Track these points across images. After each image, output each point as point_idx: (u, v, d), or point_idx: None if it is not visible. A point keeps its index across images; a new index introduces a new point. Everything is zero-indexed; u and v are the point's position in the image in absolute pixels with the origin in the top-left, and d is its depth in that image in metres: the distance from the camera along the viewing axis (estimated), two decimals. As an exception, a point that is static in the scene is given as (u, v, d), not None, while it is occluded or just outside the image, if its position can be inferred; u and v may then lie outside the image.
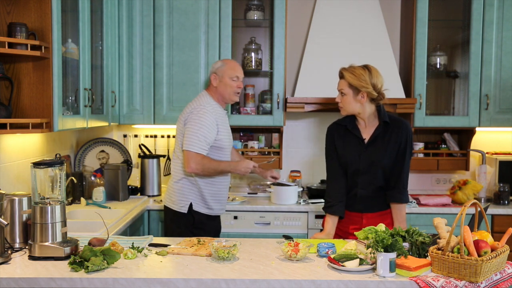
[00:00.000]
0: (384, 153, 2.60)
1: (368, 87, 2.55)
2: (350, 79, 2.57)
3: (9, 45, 2.40)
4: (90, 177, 3.59)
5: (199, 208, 2.97)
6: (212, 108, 2.94)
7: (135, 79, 3.74)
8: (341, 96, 2.63)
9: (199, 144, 2.83)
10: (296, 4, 4.08)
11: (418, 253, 2.14)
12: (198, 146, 2.83)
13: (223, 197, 3.07)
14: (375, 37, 3.77)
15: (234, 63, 3.05)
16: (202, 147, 2.84)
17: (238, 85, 3.00)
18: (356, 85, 2.56)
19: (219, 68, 2.99)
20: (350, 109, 2.63)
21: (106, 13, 3.42)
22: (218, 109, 2.98)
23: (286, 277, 1.96)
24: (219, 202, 3.04)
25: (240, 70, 3.03)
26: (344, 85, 2.60)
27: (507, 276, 1.99)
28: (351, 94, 2.59)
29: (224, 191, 3.06)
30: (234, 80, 2.97)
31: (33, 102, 2.58)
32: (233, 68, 3.00)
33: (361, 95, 2.57)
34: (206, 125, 2.86)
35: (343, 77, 2.61)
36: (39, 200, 2.20)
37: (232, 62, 3.07)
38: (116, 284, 1.93)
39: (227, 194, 3.12)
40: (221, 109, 3.03)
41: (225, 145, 2.99)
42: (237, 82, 2.99)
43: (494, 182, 3.81)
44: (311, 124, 4.14)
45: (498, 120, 3.74)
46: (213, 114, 2.91)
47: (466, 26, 3.79)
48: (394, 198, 2.64)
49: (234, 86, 2.98)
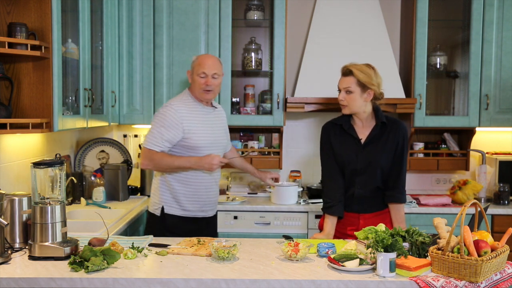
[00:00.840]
0: (381, 153, 2.60)
1: (376, 86, 2.55)
2: (360, 76, 2.53)
3: (9, 45, 2.40)
4: (90, 177, 3.59)
5: (172, 210, 2.86)
6: (180, 106, 2.80)
7: (135, 79, 3.74)
8: (347, 94, 2.57)
9: (153, 140, 2.75)
10: (296, 4, 4.08)
11: (418, 253, 2.14)
12: (152, 143, 2.75)
13: (202, 197, 2.89)
14: (375, 37, 3.77)
15: (205, 58, 2.85)
16: (156, 143, 2.75)
17: (206, 82, 2.79)
18: (366, 82, 2.53)
19: (192, 64, 2.86)
20: (355, 108, 2.59)
21: (106, 13, 3.42)
22: (194, 107, 2.85)
23: (286, 277, 1.96)
24: (197, 202, 2.88)
25: (208, 65, 2.80)
26: (352, 82, 2.55)
27: (507, 276, 1.99)
28: (358, 92, 2.55)
29: (202, 191, 2.88)
30: (202, 76, 2.78)
31: (33, 102, 2.58)
32: (201, 63, 2.80)
33: (368, 93, 2.56)
34: (165, 123, 2.75)
35: (351, 74, 2.55)
36: (39, 200, 2.20)
37: (204, 57, 2.87)
38: (116, 284, 1.93)
39: (213, 195, 2.94)
40: (201, 106, 2.87)
41: (199, 144, 2.80)
42: (204, 79, 2.78)
43: (494, 182, 3.81)
44: (311, 124, 4.14)
45: (498, 120, 3.74)
46: (178, 112, 2.77)
47: (466, 26, 3.79)
48: (393, 198, 2.64)
49: (201, 83, 2.79)
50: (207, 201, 2.92)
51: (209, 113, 2.91)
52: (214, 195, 2.97)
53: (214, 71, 2.80)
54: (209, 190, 2.91)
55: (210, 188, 2.92)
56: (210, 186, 2.91)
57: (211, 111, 2.92)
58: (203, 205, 2.91)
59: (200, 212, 2.91)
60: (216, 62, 2.85)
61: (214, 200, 2.98)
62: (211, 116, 2.92)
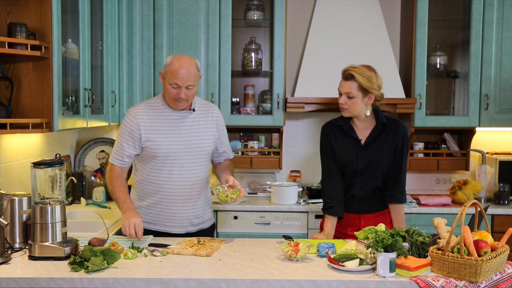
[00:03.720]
0: (381, 153, 2.60)
1: (377, 89, 2.54)
2: (363, 81, 2.50)
3: (9, 45, 2.40)
4: (90, 177, 3.59)
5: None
6: (139, 112, 2.55)
7: (135, 79, 3.74)
8: (348, 98, 2.55)
9: (113, 153, 2.61)
10: (296, 4, 4.08)
11: (418, 253, 2.14)
12: (113, 156, 2.60)
13: (160, 210, 2.61)
14: (375, 37, 3.77)
15: (179, 65, 2.43)
16: (115, 157, 2.58)
17: (177, 94, 2.45)
18: (368, 87, 2.51)
19: (165, 67, 2.50)
20: (356, 111, 2.58)
21: (106, 13, 3.42)
22: (159, 112, 2.57)
23: (286, 277, 1.96)
24: (158, 215, 2.62)
25: (182, 77, 2.41)
26: (353, 87, 2.52)
27: (507, 276, 1.99)
28: (360, 97, 2.54)
29: (163, 204, 2.60)
30: (174, 87, 2.45)
31: (33, 102, 2.58)
32: (174, 72, 2.42)
33: (369, 97, 2.55)
34: (123, 133, 2.55)
35: (353, 79, 2.52)
36: (39, 200, 2.20)
37: (178, 64, 2.44)
38: (116, 284, 1.93)
39: (178, 210, 2.60)
40: (170, 111, 2.56)
41: (158, 153, 2.52)
42: (176, 90, 2.44)
43: (494, 182, 3.81)
44: (311, 124, 4.14)
45: (498, 120, 3.74)
46: (135, 118, 2.53)
47: (466, 26, 3.79)
48: (394, 199, 2.64)
49: (172, 94, 2.46)
50: (169, 215, 2.61)
51: (183, 117, 2.58)
52: (181, 210, 2.61)
53: (188, 82, 2.44)
54: (173, 203, 2.60)
55: (173, 201, 2.59)
56: (172, 199, 2.59)
57: (186, 115, 2.58)
58: (165, 220, 2.62)
59: (163, 226, 2.63)
60: (191, 71, 2.45)
61: (180, 217, 2.62)
62: (187, 121, 2.58)
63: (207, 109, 2.68)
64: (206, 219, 2.74)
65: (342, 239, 2.59)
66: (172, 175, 2.57)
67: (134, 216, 2.43)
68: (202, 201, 2.68)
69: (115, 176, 2.59)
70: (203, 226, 2.72)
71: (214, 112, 2.70)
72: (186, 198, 2.61)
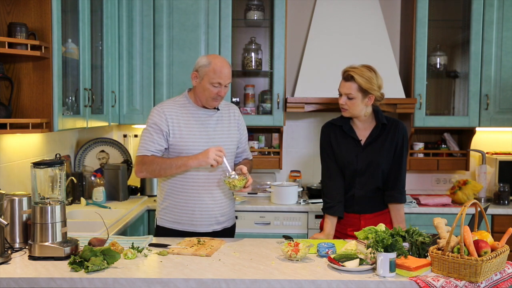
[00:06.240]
0: (381, 153, 2.60)
1: (377, 90, 2.54)
2: (362, 83, 2.50)
3: (9, 45, 2.40)
4: (90, 177, 3.59)
5: (163, 223, 2.66)
6: (168, 107, 2.59)
7: (135, 79, 3.74)
8: (348, 99, 2.55)
9: (143, 145, 2.56)
10: (296, 4, 4.08)
11: (418, 253, 2.14)
12: (142, 148, 2.57)
13: (190, 208, 2.60)
14: (375, 37, 3.77)
15: (220, 64, 2.53)
16: (146, 148, 2.55)
17: (219, 93, 2.53)
18: (368, 88, 2.51)
19: (202, 68, 2.54)
20: (357, 113, 2.59)
21: (106, 13, 3.42)
22: (186, 109, 2.61)
23: (286, 277, 1.96)
24: (184, 213, 2.61)
25: (225, 75, 2.52)
26: (353, 88, 2.52)
27: (507, 276, 1.99)
28: (359, 98, 2.54)
29: (191, 202, 2.59)
30: (216, 86, 2.52)
31: (33, 102, 2.59)
32: (217, 72, 2.50)
33: (369, 98, 2.55)
34: (150, 126, 2.57)
35: (353, 80, 2.51)
36: (39, 200, 2.20)
37: (219, 62, 2.53)
38: (116, 284, 1.93)
39: (205, 208, 2.60)
40: (197, 109, 2.61)
41: (189, 151, 2.54)
42: (218, 89, 2.53)
43: (494, 182, 3.81)
44: (311, 124, 4.14)
45: (498, 120, 3.74)
46: (164, 113, 2.56)
47: (466, 26, 3.80)
48: (394, 199, 2.64)
49: (213, 93, 2.53)
50: (197, 214, 2.60)
51: (209, 116, 2.63)
52: (208, 208, 2.61)
53: (228, 80, 2.55)
54: (201, 201, 2.60)
55: (201, 199, 2.60)
56: (201, 197, 2.59)
57: (212, 113, 2.64)
58: (193, 219, 2.62)
59: (190, 226, 2.62)
60: (230, 70, 2.57)
61: (208, 215, 2.62)
62: (212, 120, 2.63)
63: (228, 109, 2.74)
64: (230, 218, 2.75)
65: (342, 239, 2.59)
66: (199, 172, 2.58)
67: (205, 151, 2.47)
68: (227, 200, 2.70)
69: (150, 158, 2.54)
70: (227, 224, 2.73)
71: (235, 112, 2.76)
72: (213, 197, 2.62)
